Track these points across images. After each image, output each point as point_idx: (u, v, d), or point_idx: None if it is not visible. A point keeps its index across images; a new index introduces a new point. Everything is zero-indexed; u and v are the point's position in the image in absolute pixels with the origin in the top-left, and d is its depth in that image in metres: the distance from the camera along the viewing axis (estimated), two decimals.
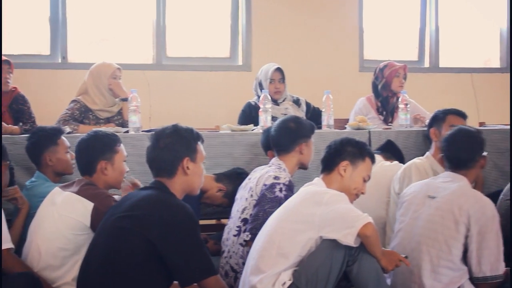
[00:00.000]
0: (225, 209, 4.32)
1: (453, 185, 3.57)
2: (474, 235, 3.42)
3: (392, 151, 4.74)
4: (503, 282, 3.52)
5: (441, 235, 3.45)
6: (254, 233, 3.60)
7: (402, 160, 4.68)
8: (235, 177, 4.34)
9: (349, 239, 3.14)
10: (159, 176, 3.14)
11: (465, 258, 3.46)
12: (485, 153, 3.77)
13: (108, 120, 5.21)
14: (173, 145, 3.12)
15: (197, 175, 3.20)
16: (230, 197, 4.24)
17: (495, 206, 4.41)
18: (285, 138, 4.04)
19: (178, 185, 3.13)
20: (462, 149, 3.69)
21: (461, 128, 3.84)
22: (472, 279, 3.46)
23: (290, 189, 3.79)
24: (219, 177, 4.41)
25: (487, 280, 3.43)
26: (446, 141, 3.78)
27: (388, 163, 4.52)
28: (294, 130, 4.06)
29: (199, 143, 3.22)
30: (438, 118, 4.67)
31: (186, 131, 3.19)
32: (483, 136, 3.80)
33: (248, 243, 3.68)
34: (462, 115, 4.62)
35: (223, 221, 4.96)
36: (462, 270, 3.46)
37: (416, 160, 4.35)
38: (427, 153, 4.48)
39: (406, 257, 3.36)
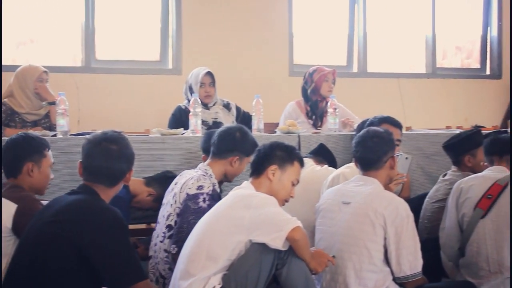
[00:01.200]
0: (155, 213, 4.29)
1: (366, 188, 3.58)
2: (391, 237, 3.44)
3: (324, 155, 4.78)
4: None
5: (360, 240, 3.47)
6: (180, 245, 3.54)
7: (334, 164, 4.73)
8: (165, 181, 4.31)
9: (277, 243, 3.15)
10: (95, 181, 3.09)
11: (387, 260, 3.50)
12: (398, 154, 3.79)
13: (35, 123, 5.13)
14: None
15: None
16: (160, 201, 4.21)
17: (422, 209, 4.56)
18: (225, 144, 4.02)
19: (112, 191, 3.11)
20: (369, 150, 3.68)
21: (369, 129, 3.84)
22: (395, 279, 3.51)
23: (213, 199, 3.76)
24: (148, 181, 4.37)
25: (408, 279, 3.48)
26: (355, 142, 3.80)
27: (319, 167, 4.56)
28: (238, 140, 4.04)
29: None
30: (373, 125, 4.71)
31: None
32: (392, 137, 3.78)
33: (175, 257, 3.64)
34: (396, 124, 4.64)
35: (153, 225, 4.93)
36: (384, 271, 3.49)
37: (345, 169, 4.34)
38: None
39: (333, 256, 3.41)
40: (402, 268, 3.46)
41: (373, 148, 3.68)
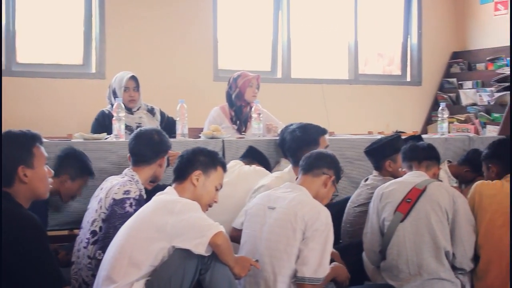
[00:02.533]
0: (77, 220, 4.23)
1: (292, 194, 3.62)
2: (305, 239, 3.48)
3: (255, 156, 4.80)
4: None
5: (281, 244, 3.49)
6: (105, 251, 3.52)
7: (267, 164, 4.76)
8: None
9: (200, 248, 3.15)
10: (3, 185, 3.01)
11: None
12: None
13: None
14: (5, 153, 2.95)
15: (38, 180, 3.02)
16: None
17: (345, 213, 4.62)
18: (148, 149, 4.00)
19: (21, 194, 3.02)
20: (309, 161, 3.77)
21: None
22: (294, 278, 3.49)
23: (140, 204, 3.74)
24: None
25: (305, 281, 3.45)
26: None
27: (247, 167, 4.57)
28: (158, 142, 4.04)
29: (37, 145, 3.04)
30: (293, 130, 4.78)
31: (18, 136, 3.03)
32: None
33: (100, 263, 3.60)
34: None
35: (76, 231, 4.86)
36: None
37: (276, 174, 4.41)
38: (290, 166, 4.52)
39: (257, 260, 3.43)
40: (302, 269, 3.45)
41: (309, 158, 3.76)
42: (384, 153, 4.63)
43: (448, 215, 3.93)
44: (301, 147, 4.41)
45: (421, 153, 4.27)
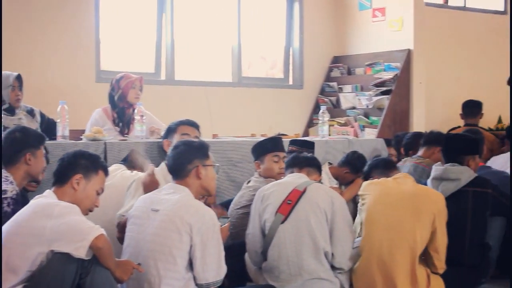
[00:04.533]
0: None
1: (175, 196, 3.60)
2: (197, 244, 3.46)
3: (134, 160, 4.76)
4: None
5: (166, 247, 3.47)
6: None
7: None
8: None
9: (80, 252, 3.10)
10: None
11: (190, 266, 3.52)
12: (209, 163, 3.81)
13: None
14: None
15: None
16: None
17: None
18: (10, 149, 3.89)
19: None
20: (176, 159, 3.72)
21: (181, 140, 3.89)
22: (197, 285, 3.53)
23: (17, 203, 3.64)
24: None
25: (210, 286, 3.50)
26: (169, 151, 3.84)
27: (129, 172, 4.53)
28: (20, 140, 3.94)
29: None
30: (171, 130, 4.79)
31: None
32: (205, 145, 3.82)
33: None
34: (192, 124, 4.77)
35: None
36: (186, 278, 3.49)
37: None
38: (162, 163, 4.49)
39: (139, 264, 3.40)
40: (205, 276, 3.48)
41: (179, 157, 3.71)
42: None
43: (327, 216, 4.02)
44: None
45: (303, 161, 4.37)
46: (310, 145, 5.26)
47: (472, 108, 7.96)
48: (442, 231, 4.17)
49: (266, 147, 4.81)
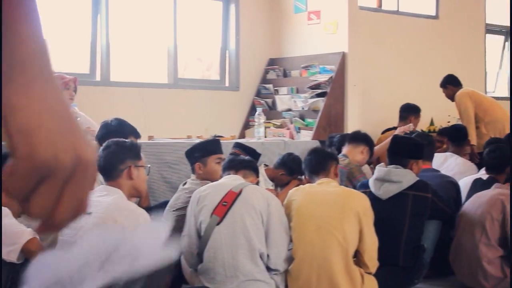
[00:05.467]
0: None
1: (108, 198, 3.58)
2: None
3: None
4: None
5: None
6: None
7: None
8: None
9: (12, 256, 3.05)
10: None
11: None
12: (141, 164, 3.79)
13: None
14: None
15: None
16: None
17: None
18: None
19: None
20: (108, 159, 3.69)
21: (113, 140, 3.86)
22: None
23: None
24: None
25: None
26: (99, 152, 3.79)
27: None
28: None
29: None
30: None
31: None
32: (137, 145, 3.82)
33: None
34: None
35: None
36: None
37: None
38: None
39: None
40: None
41: (111, 157, 3.68)
42: (195, 156, 4.74)
43: (263, 217, 4.04)
44: None
45: (239, 163, 4.39)
46: (256, 156, 5.21)
47: (406, 112, 8.15)
48: (370, 231, 4.23)
49: (209, 149, 4.76)
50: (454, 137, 7.00)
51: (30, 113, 0.85)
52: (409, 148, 4.95)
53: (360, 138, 5.85)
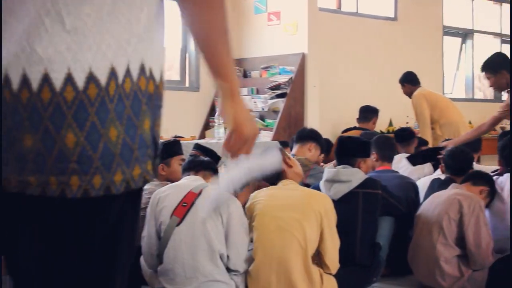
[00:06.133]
0: None
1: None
2: None
3: None
4: None
5: None
6: None
7: None
8: None
9: None
10: None
11: None
12: None
13: None
14: None
15: None
16: None
17: None
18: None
19: None
20: None
21: None
22: None
23: None
24: None
25: None
26: None
27: None
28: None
29: None
30: None
31: None
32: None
33: None
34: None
35: None
36: None
37: None
38: None
39: None
40: None
41: None
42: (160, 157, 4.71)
43: (223, 218, 4.04)
44: None
45: (199, 164, 4.38)
46: (215, 157, 5.19)
47: (365, 113, 8.23)
48: (331, 232, 4.25)
49: (173, 150, 4.76)
50: (401, 138, 7.12)
51: (237, 114, 1.91)
52: (355, 147, 5.00)
53: (305, 135, 5.86)
